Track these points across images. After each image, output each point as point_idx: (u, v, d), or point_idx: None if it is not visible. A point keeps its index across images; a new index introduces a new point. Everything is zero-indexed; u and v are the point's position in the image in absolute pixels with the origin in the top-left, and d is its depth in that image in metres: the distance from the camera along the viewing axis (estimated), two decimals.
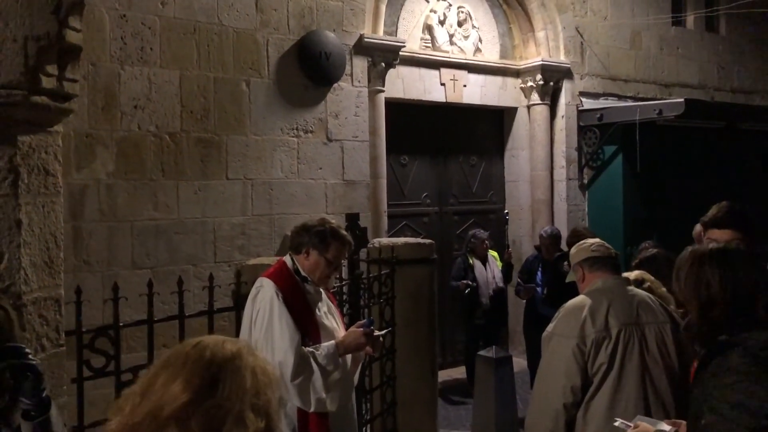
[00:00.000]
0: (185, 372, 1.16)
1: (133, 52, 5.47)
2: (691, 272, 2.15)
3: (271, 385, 1.23)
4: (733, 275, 2.09)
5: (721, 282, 2.08)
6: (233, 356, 1.21)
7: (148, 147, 5.54)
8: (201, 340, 1.24)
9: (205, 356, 1.19)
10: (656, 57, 9.29)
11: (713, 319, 2.08)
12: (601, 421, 2.60)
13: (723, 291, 2.07)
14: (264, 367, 1.24)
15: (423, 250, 4.94)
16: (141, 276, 5.19)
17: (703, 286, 2.11)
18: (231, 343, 1.24)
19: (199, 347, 1.21)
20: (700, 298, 2.11)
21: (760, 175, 9.18)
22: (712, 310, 2.08)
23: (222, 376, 1.17)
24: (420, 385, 4.81)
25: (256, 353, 1.26)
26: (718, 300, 2.08)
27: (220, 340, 1.25)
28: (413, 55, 7.32)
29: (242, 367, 1.20)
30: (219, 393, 1.15)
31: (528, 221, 8.33)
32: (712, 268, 2.12)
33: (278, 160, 6.20)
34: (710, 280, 2.10)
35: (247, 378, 1.19)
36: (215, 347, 1.21)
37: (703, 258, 2.15)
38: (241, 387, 1.17)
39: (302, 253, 2.94)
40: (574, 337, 2.68)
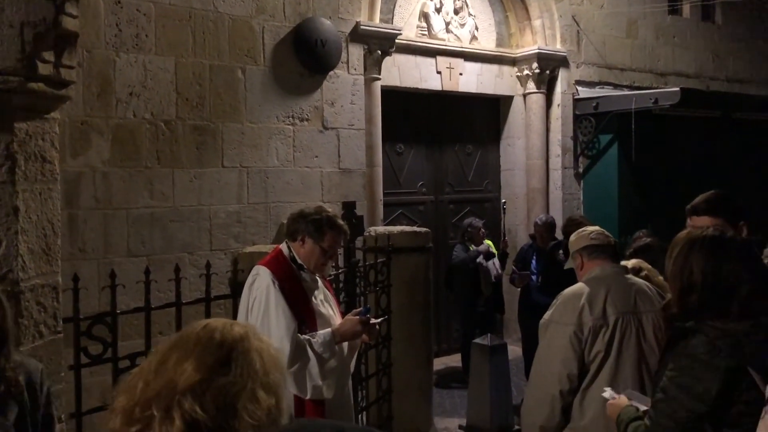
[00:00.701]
0: (197, 352, 1.20)
1: (128, 39, 5.43)
2: (679, 256, 2.18)
3: (277, 366, 1.26)
4: (716, 264, 2.11)
5: (703, 270, 2.10)
6: (242, 338, 1.24)
7: (143, 134, 5.51)
8: (209, 323, 1.27)
9: (215, 337, 1.23)
10: (652, 46, 9.29)
11: (688, 305, 2.11)
12: (598, 409, 2.62)
13: (703, 279, 2.10)
14: (269, 350, 1.27)
15: (419, 238, 4.96)
16: (136, 264, 5.18)
17: (686, 271, 2.13)
18: (238, 326, 1.28)
19: (209, 329, 1.25)
20: (682, 283, 2.13)
21: (754, 165, 9.20)
22: (690, 296, 2.11)
23: (233, 356, 1.21)
24: (415, 373, 4.84)
25: (262, 337, 1.29)
26: (697, 287, 2.10)
27: (228, 322, 1.28)
28: (409, 43, 7.30)
29: (251, 349, 1.23)
30: (232, 372, 1.19)
31: (523, 210, 8.34)
32: (698, 255, 2.14)
33: (274, 148, 6.18)
34: (693, 266, 2.12)
35: (255, 359, 1.22)
36: (224, 329, 1.25)
37: (694, 243, 2.17)
38: (251, 367, 1.21)
39: (298, 241, 2.94)
40: (571, 325, 2.69)
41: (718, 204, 2.86)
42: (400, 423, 4.66)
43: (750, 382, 1.98)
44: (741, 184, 8.41)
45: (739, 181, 8.55)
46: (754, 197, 8.57)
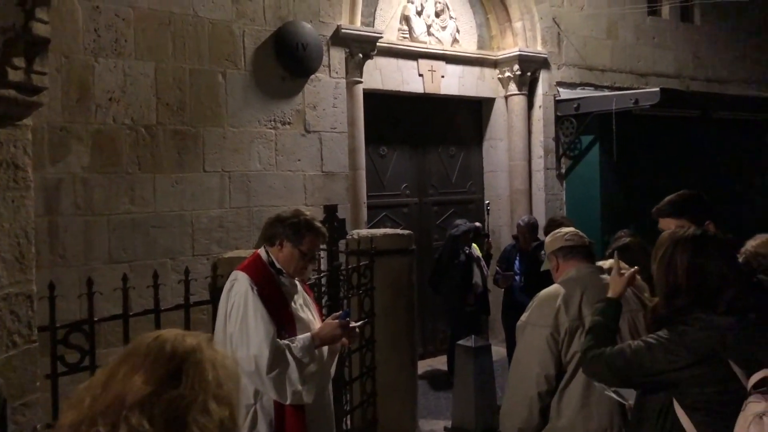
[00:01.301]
0: (147, 364, 1.18)
1: (107, 44, 5.40)
2: (663, 257, 2.20)
3: (231, 377, 1.25)
4: (701, 265, 2.14)
5: (688, 270, 2.13)
6: (194, 349, 1.22)
7: (123, 140, 5.48)
8: (160, 334, 1.25)
9: (166, 349, 1.21)
10: (632, 47, 9.36)
11: (676, 306, 2.13)
12: (576, 409, 2.64)
13: (688, 279, 2.12)
14: (224, 361, 1.25)
15: (402, 240, 4.96)
16: (118, 270, 5.13)
17: (671, 273, 2.16)
18: (191, 337, 1.26)
19: (160, 340, 1.23)
20: (668, 284, 2.16)
21: (733, 163, 9.30)
22: (677, 297, 2.13)
23: (184, 368, 1.19)
24: (400, 375, 4.84)
25: (215, 347, 1.27)
26: (682, 288, 2.13)
27: (180, 333, 1.26)
28: (391, 46, 7.31)
29: (203, 360, 1.21)
30: (182, 384, 1.17)
31: (507, 211, 8.37)
32: (682, 256, 2.16)
33: (256, 152, 6.17)
34: (678, 267, 2.15)
35: (208, 370, 1.21)
36: (175, 341, 1.23)
37: (677, 244, 2.19)
38: (203, 378, 1.19)
39: (276, 245, 2.93)
40: (547, 326, 2.70)
41: (680, 205, 2.90)
42: (385, 426, 4.66)
43: (728, 374, 2.01)
44: (720, 182, 8.51)
45: (718, 178, 8.65)
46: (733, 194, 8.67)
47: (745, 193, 9.05)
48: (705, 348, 2.04)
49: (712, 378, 2.05)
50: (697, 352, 2.06)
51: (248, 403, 2.81)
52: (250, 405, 2.81)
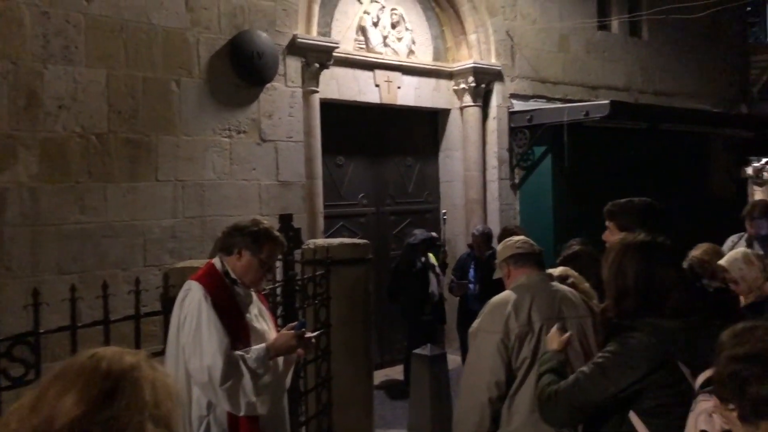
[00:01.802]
0: (80, 383, 1.12)
1: (57, 51, 5.29)
2: (614, 262, 2.26)
3: (170, 396, 1.19)
4: (648, 269, 2.20)
5: (636, 274, 2.19)
6: (132, 368, 1.17)
7: (73, 148, 5.37)
8: (97, 351, 1.20)
9: (101, 367, 1.15)
10: (583, 60, 9.59)
11: (624, 309, 2.20)
12: (526, 414, 2.68)
13: (636, 283, 2.19)
14: (163, 380, 1.20)
15: (358, 250, 4.95)
16: (67, 282, 4.98)
17: (620, 277, 2.22)
18: (130, 355, 1.20)
19: (96, 358, 1.17)
20: (617, 287, 2.22)
21: (678, 174, 9.59)
22: (625, 300, 2.20)
23: (120, 387, 1.13)
24: (356, 386, 4.82)
25: (156, 365, 1.22)
26: (631, 291, 2.19)
27: (117, 351, 1.21)
28: (347, 56, 7.34)
29: (141, 379, 1.16)
30: (117, 405, 1.11)
31: (462, 220, 8.46)
32: (631, 261, 2.23)
33: (210, 161, 6.10)
34: (627, 271, 2.21)
35: (146, 389, 1.15)
36: (112, 359, 1.17)
37: (627, 249, 2.26)
38: (140, 398, 1.14)
39: (234, 255, 2.90)
40: (498, 333, 2.74)
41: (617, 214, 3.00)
42: None
43: (680, 376, 2.08)
44: (665, 191, 8.75)
45: (664, 188, 8.90)
46: (678, 203, 8.93)
47: (689, 203, 9.33)
48: (659, 353, 2.10)
49: (665, 382, 2.11)
50: (653, 360, 2.11)
51: (201, 414, 2.78)
52: (203, 416, 2.78)
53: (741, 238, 5.49)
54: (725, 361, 1.54)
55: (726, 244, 5.45)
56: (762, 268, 3.81)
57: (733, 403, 1.51)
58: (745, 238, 5.42)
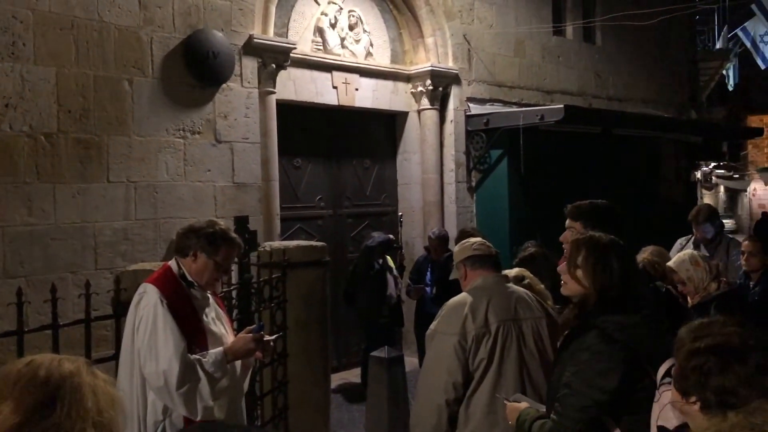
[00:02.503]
0: (16, 392, 1.08)
1: (3, 47, 5.12)
2: (598, 257, 2.33)
3: (113, 403, 1.17)
4: (630, 265, 2.36)
5: (622, 271, 2.31)
6: (71, 374, 1.14)
7: (21, 148, 5.20)
8: (34, 359, 1.16)
9: (39, 375, 1.12)
10: (539, 65, 9.74)
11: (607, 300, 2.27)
12: (482, 416, 2.70)
13: (621, 279, 2.28)
14: (104, 386, 1.17)
15: (315, 252, 4.93)
16: (14, 285, 4.77)
17: (606, 271, 2.30)
18: (69, 362, 1.17)
19: (33, 366, 1.13)
20: (603, 281, 2.29)
21: (630, 177, 9.82)
22: (610, 291, 2.28)
23: (60, 395, 1.10)
24: (312, 389, 4.79)
25: (96, 372, 1.19)
26: (615, 286, 2.28)
27: (56, 358, 1.17)
28: (304, 57, 7.30)
29: (82, 385, 1.13)
30: (57, 413, 1.08)
31: (420, 223, 8.49)
32: (616, 257, 2.32)
33: (163, 162, 5.99)
34: (613, 265, 2.31)
35: (87, 396, 1.12)
36: (51, 365, 1.14)
37: (611, 246, 2.35)
38: (81, 405, 1.11)
39: (189, 257, 2.85)
40: (455, 334, 2.75)
41: (581, 212, 3.06)
42: None
43: (644, 370, 2.13)
44: (618, 194, 8.95)
45: (617, 191, 9.10)
46: (630, 206, 9.15)
47: (640, 205, 9.55)
48: (629, 349, 2.16)
49: (634, 378, 2.17)
50: (627, 356, 2.16)
51: (157, 419, 2.73)
52: (159, 421, 2.73)
53: (689, 240, 5.65)
54: (687, 355, 1.60)
55: (675, 247, 5.60)
56: (708, 269, 3.93)
57: (695, 395, 1.56)
58: (693, 241, 5.58)
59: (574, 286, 2.37)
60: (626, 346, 2.17)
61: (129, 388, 2.72)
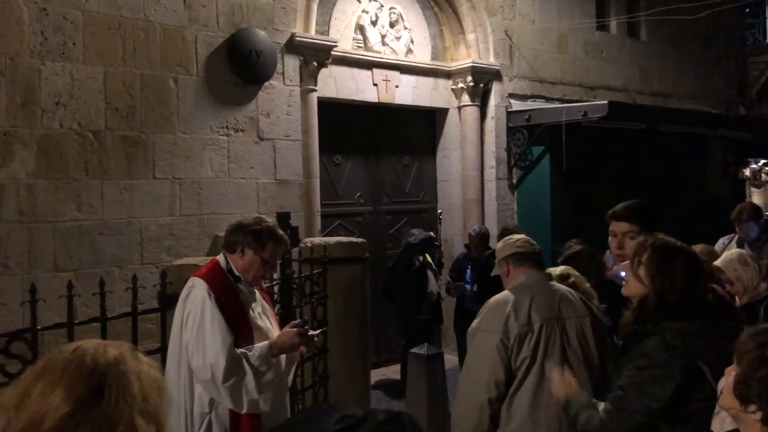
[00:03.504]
0: (65, 380, 1.08)
1: (55, 48, 5.27)
2: (661, 261, 2.29)
3: (158, 389, 1.16)
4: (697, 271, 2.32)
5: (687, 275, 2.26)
6: (117, 361, 1.13)
7: (70, 145, 5.35)
8: (79, 345, 1.15)
9: (86, 362, 1.10)
10: (582, 60, 9.59)
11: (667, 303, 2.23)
12: (525, 415, 2.67)
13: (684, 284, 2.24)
14: (149, 370, 1.17)
15: (355, 248, 4.95)
16: (63, 279, 4.97)
17: (668, 275, 2.26)
18: (113, 347, 1.16)
19: (79, 353, 1.12)
20: (663, 283, 2.25)
21: (675, 174, 9.61)
22: (671, 295, 2.24)
23: (107, 382, 1.09)
24: (352, 384, 4.82)
25: (140, 356, 1.18)
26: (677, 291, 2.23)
27: (100, 344, 1.16)
28: (345, 55, 7.33)
29: (127, 372, 1.12)
30: (105, 401, 1.07)
31: (459, 220, 8.46)
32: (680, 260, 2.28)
33: (208, 159, 6.09)
34: (677, 269, 2.26)
35: (133, 383, 1.11)
36: (96, 352, 1.13)
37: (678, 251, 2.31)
38: (128, 392, 1.10)
39: (237, 252, 2.90)
40: (498, 332, 2.73)
41: (634, 211, 2.99)
42: None
43: (704, 379, 2.08)
44: (662, 192, 8.78)
45: (661, 189, 8.92)
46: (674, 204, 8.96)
47: (686, 204, 9.34)
48: (688, 357, 2.11)
49: (692, 388, 2.13)
50: (685, 365, 2.11)
51: (203, 411, 2.78)
52: (205, 413, 2.77)
53: (732, 240, 5.50)
54: (752, 362, 1.50)
55: (717, 246, 5.46)
56: (757, 268, 3.82)
57: (757, 406, 1.47)
58: (736, 240, 5.43)
59: (635, 285, 2.32)
60: (685, 355, 2.11)
61: (176, 380, 2.77)
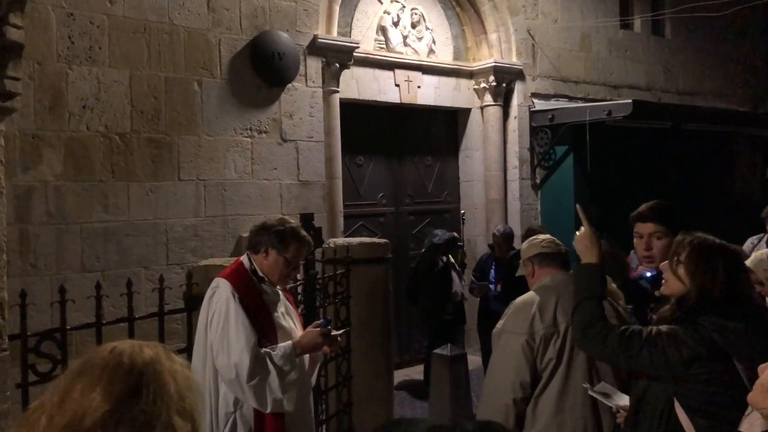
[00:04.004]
0: (104, 379, 1.11)
1: (81, 52, 5.35)
2: (701, 258, 2.29)
3: (192, 388, 1.19)
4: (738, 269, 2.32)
5: (728, 273, 2.26)
6: (153, 360, 1.16)
7: (97, 148, 5.43)
8: (116, 346, 1.19)
9: (123, 362, 1.14)
10: (605, 59, 9.51)
11: (708, 299, 2.22)
12: (550, 416, 2.66)
13: (726, 279, 2.24)
14: (183, 372, 1.20)
15: (378, 249, 4.96)
16: (90, 279, 5.06)
17: (709, 273, 2.26)
18: (148, 347, 1.19)
19: (116, 353, 1.16)
20: (704, 280, 2.25)
21: (700, 174, 9.47)
22: (713, 291, 2.22)
23: (144, 382, 1.12)
24: (376, 384, 4.83)
25: (173, 356, 1.21)
26: (718, 284, 2.23)
27: (136, 344, 1.20)
28: (367, 56, 7.34)
29: (163, 372, 1.15)
30: (143, 399, 1.11)
31: (482, 220, 8.43)
32: (722, 259, 2.27)
33: (231, 161, 6.14)
34: (719, 269, 2.26)
35: (169, 382, 1.15)
36: (133, 352, 1.16)
37: (720, 249, 2.31)
38: (165, 391, 1.13)
39: (261, 253, 2.92)
40: (523, 334, 2.72)
41: (660, 212, 2.94)
42: None
43: (736, 378, 2.06)
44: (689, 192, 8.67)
45: (687, 188, 8.81)
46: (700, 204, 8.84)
47: (713, 203, 9.21)
48: (715, 344, 2.10)
49: (713, 378, 2.10)
50: (706, 345, 2.11)
51: (228, 411, 2.80)
52: (230, 413, 2.80)
53: (761, 239, 5.41)
54: None
55: (746, 245, 5.37)
56: None
57: None
58: (766, 240, 5.34)
59: (674, 283, 2.30)
60: (716, 342, 2.10)
61: (202, 380, 2.80)
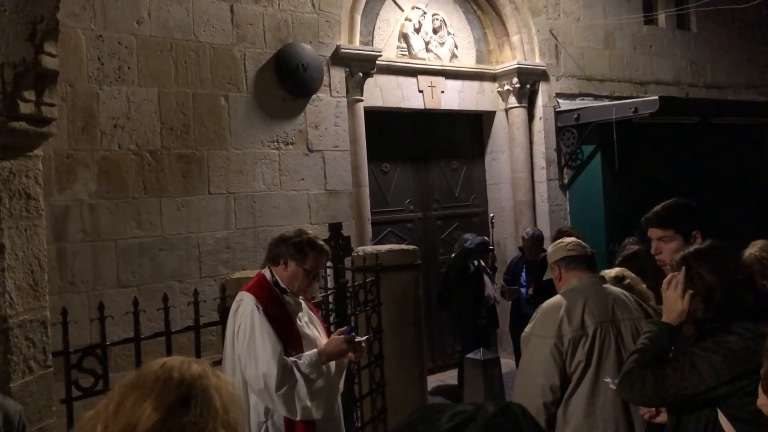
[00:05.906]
0: (156, 392, 1.19)
1: (111, 72, 5.49)
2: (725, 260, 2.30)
3: (235, 402, 1.26)
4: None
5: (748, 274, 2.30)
6: (200, 376, 1.24)
7: (129, 165, 5.56)
8: (166, 361, 1.27)
9: (173, 376, 1.22)
10: (630, 56, 9.42)
11: (742, 300, 2.23)
12: (581, 418, 2.66)
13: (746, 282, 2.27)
14: (227, 387, 1.27)
15: (407, 256, 4.99)
16: (126, 294, 5.19)
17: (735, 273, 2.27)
18: (196, 364, 1.28)
19: (167, 368, 1.25)
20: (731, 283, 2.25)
21: (732, 168, 9.32)
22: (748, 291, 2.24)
23: (193, 395, 1.20)
24: (409, 391, 4.85)
25: (219, 373, 1.30)
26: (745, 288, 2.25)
27: (185, 360, 1.28)
28: (390, 64, 7.39)
29: (210, 386, 1.23)
30: (191, 411, 1.18)
31: (511, 223, 8.40)
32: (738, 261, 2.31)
33: (260, 173, 6.23)
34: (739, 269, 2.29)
35: (215, 396, 1.22)
36: (182, 368, 1.25)
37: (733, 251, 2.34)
38: (211, 405, 1.21)
39: (281, 265, 2.99)
40: (551, 337, 2.73)
41: (662, 217, 2.90)
42: None
43: None
44: (720, 187, 8.54)
45: (719, 184, 8.68)
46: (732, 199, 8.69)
47: (744, 198, 9.06)
48: (753, 358, 2.07)
49: (756, 389, 2.08)
50: (744, 364, 2.09)
51: (260, 420, 2.86)
52: (262, 422, 2.86)
53: None
54: None
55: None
56: None
57: None
58: None
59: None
60: (754, 355, 2.07)
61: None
